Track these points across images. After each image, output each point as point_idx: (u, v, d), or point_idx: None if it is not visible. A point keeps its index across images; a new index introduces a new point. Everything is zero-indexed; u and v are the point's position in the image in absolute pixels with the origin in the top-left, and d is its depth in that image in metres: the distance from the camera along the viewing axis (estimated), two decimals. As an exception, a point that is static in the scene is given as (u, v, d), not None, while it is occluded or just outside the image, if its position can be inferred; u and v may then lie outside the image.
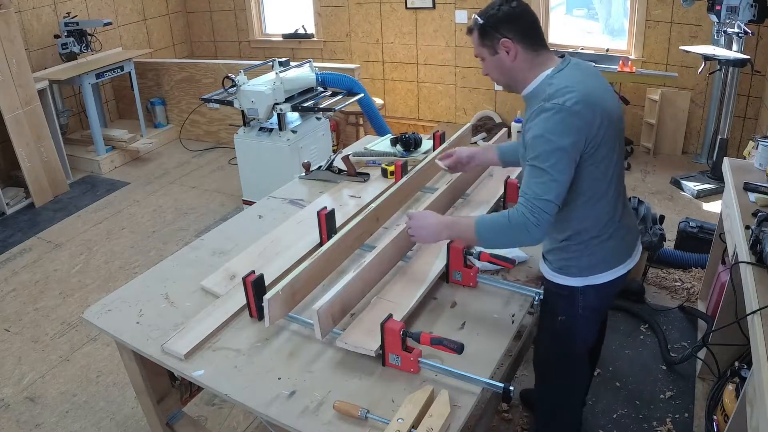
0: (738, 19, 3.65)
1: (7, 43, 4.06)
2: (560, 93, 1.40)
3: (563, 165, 1.39)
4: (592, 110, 1.39)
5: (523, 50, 1.47)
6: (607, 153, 1.45)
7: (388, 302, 1.61)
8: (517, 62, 1.49)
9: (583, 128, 1.39)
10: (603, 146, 1.43)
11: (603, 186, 1.49)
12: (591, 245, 1.55)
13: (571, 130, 1.38)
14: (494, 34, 1.47)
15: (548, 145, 1.38)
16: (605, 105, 1.44)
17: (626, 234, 1.61)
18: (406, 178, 2.18)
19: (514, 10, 1.47)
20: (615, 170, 1.52)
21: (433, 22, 5.25)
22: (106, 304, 1.76)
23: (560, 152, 1.38)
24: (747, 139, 3.72)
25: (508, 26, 1.46)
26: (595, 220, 1.53)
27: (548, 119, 1.39)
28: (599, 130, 1.41)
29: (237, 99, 3.62)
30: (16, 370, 2.71)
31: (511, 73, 1.52)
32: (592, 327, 1.74)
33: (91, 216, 4.21)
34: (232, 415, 2.35)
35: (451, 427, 1.27)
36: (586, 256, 1.57)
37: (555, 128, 1.38)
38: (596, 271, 1.58)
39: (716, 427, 1.91)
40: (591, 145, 1.41)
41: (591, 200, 1.50)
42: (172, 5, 6.24)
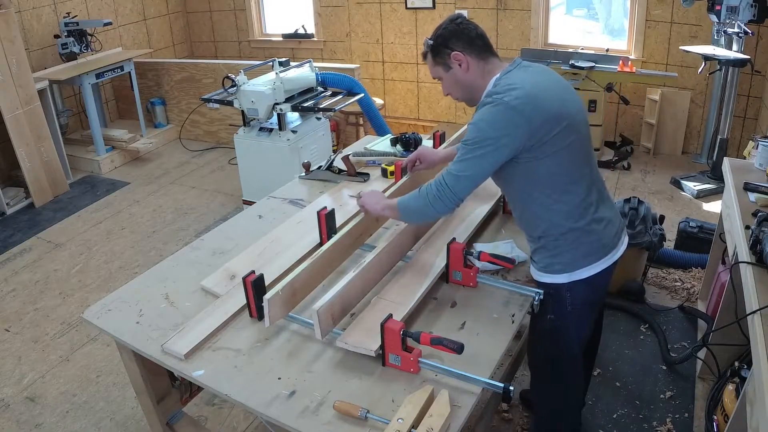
0: (738, 19, 3.65)
1: (7, 43, 4.06)
2: (503, 90, 1.47)
3: (485, 153, 1.46)
4: (533, 107, 1.44)
5: (473, 60, 1.56)
6: (562, 148, 1.48)
7: (388, 302, 1.61)
8: (470, 73, 1.58)
9: (521, 124, 1.43)
10: (556, 142, 1.46)
11: (564, 180, 1.53)
12: (569, 240, 1.57)
13: (504, 123, 1.44)
14: (444, 50, 1.59)
15: (478, 132, 1.47)
16: (552, 102, 1.47)
17: (606, 226, 1.61)
18: (406, 178, 2.18)
19: (459, 26, 1.58)
20: (578, 164, 1.54)
21: (433, 22, 5.25)
22: (106, 304, 1.76)
23: (486, 142, 1.45)
24: (747, 139, 3.72)
25: (455, 40, 1.57)
26: (565, 214, 1.55)
27: (486, 111, 1.47)
28: (543, 126, 1.44)
29: (237, 99, 3.62)
30: (16, 370, 2.71)
31: (466, 84, 1.60)
32: (583, 323, 1.74)
33: (91, 216, 4.21)
34: (232, 415, 2.35)
35: (451, 427, 1.27)
36: (567, 252, 1.58)
37: (488, 119, 1.46)
38: (580, 266, 1.59)
39: (716, 427, 1.91)
40: (534, 140, 1.45)
41: (555, 194, 1.53)
42: (172, 5, 6.24)
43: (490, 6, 4.95)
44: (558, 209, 1.54)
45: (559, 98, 1.50)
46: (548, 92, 1.49)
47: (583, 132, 1.57)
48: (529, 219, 1.62)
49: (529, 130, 1.44)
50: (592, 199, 1.58)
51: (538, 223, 1.59)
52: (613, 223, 1.64)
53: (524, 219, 1.65)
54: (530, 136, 1.44)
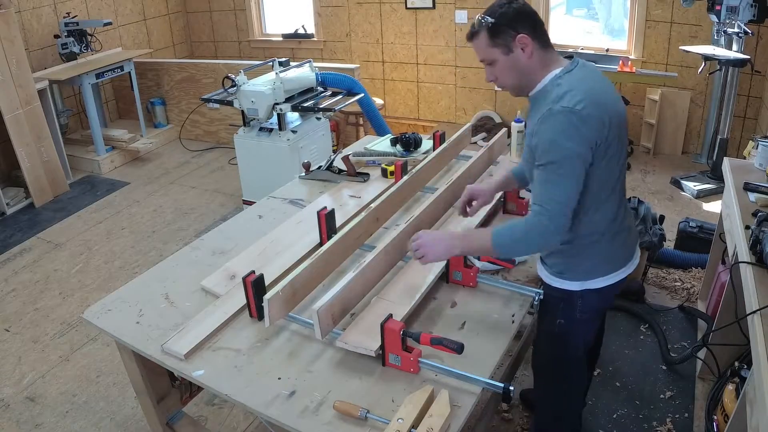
0: (738, 19, 3.65)
1: (7, 43, 4.06)
2: (569, 96, 1.38)
3: (577, 170, 1.39)
4: (600, 113, 1.38)
5: (537, 46, 1.45)
6: (614, 154, 1.45)
7: (388, 302, 1.61)
8: (532, 60, 1.46)
9: (593, 132, 1.38)
10: (611, 148, 1.42)
11: (609, 187, 1.49)
12: (591, 248, 1.54)
13: (582, 134, 1.37)
14: (508, 30, 1.43)
15: (561, 151, 1.37)
16: (612, 107, 1.43)
17: (627, 236, 1.60)
18: (406, 178, 2.18)
19: (524, 7, 1.45)
20: (620, 171, 1.51)
21: (433, 22, 5.25)
22: (106, 304, 1.76)
23: (573, 158, 1.37)
24: (747, 139, 3.71)
25: (522, 22, 1.43)
26: (599, 222, 1.52)
27: (559, 123, 1.37)
28: (609, 132, 1.40)
29: (237, 99, 3.62)
30: (16, 370, 2.71)
31: (525, 72, 1.48)
32: (590, 329, 1.74)
33: (91, 216, 4.21)
34: (232, 415, 2.35)
35: (451, 427, 1.27)
36: (586, 260, 1.56)
37: (564, 134, 1.37)
38: (595, 275, 1.57)
39: (716, 427, 1.91)
40: (601, 147, 1.40)
41: (596, 202, 1.49)
42: (172, 5, 6.24)
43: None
44: (596, 218, 1.51)
45: (615, 105, 1.46)
46: (608, 98, 1.45)
47: (625, 138, 1.53)
48: None
49: (598, 138, 1.39)
50: (622, 208, 1.56)
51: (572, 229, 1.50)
52: (633, 234, 1.64)
53: None
54: (599, 143, 1.40)
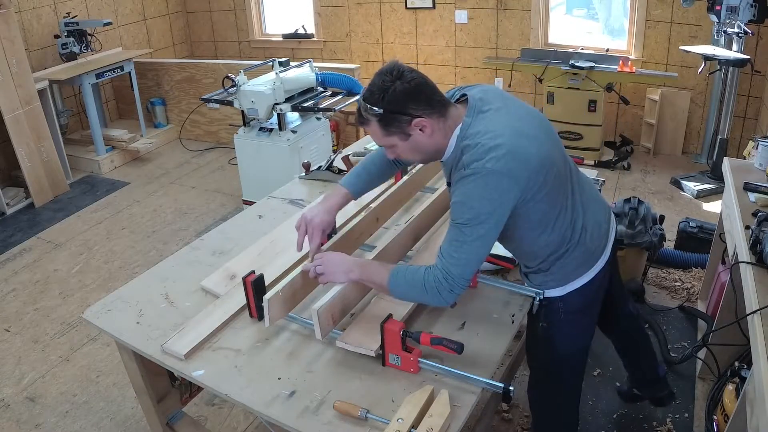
0: (738, 19, 3.65)
1: (7, 43, 4.06)
2: (477, 153, 1.31)
3: (485, 232, 1.33)
4: (518, 163, 1.30)
5: (436, 122, 1.36)
6: (549, 190, 1.39)
7: (388, 302, 1.61)
8: (434, 136, 1.38)
9: (512, 187, 1.31)
10: (540, 189, 1.36)
11: (555, 212, 1.45)
12: (560, 262, 1.54)
13: (497, 194, 1.30)
14: (401, 117, 1.34)
15: (470, 212, 1.31)
16: (533, 149, 1.34)
17: (592, 235, 1.56)
18: (406, 178, 2.18)
19: (410, 83, 1.33)
20: (564, 193, 1.47)
21: (433, 22, 5.26)
22: (106, 304, 1.76)
23: (483, 219, 1.31)
24: (747, 139, 3.72)
25: (414, 102, 1.33)
26: (557, 242, 1.50)
27: (471, 186, 1.31)
28: (531, 178, 1.33)
29: (237, 99, 3.62)
30: (16, 370, 2.71)
31: (429, 149, 1.41)
32: (577, 329, 1.69)
33: (91, 216, 4.21)
34: (232, 415, 2.35)
35: (451, 427, 1.27)
36: (559, 271, 1.56)
37: (477, 193, 1.31)
38: (572, 278, 1.57)
39: (716, 427, 1.91)
40: (524, 195, 1.35)
41: (547, 228, 1.46)
42: (172, 5, 6.24)
43: (490, 6, 4.95)
44: (551, 240, 1.49)
45: (536, 140, 1.37)
46: (527, 138, 1.35)
47: (562, 163, 1.47)
48: (524, 254, 1.60)
49: (520, 188, 1.33)
50: (578, 214, 1.52)
51: (533, 257, 1.56)
52: (599, 230, 1.59)
53: (519, 255, 1.63)
54: (523, 192, 1.34)
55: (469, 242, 1.33)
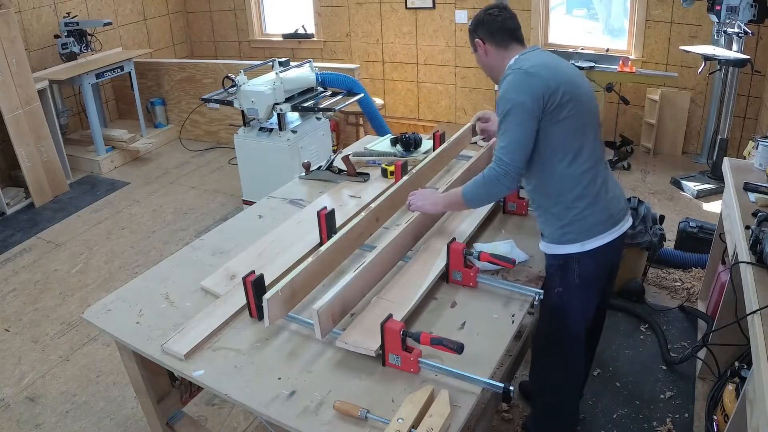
0: (738, 19, 3.65)
1: (7, 43, 4.06)
2: (519, 62, 1.66)
3: (521, 118, 1.59)
4: (547, 73, 1.60)
5: (491, 47, 1.75)
6: (571, 115, 1.61)
7: (388, 302, 1.61)
8: (489, 57, 1.77)
9: (538, 87, 1.58)
10: (565, 107, 1.60)
11: (575, 145, 1.64)
12: (579, 207, 1.67)
13: (526, 88, 1.59)
14: (473, 34, 1.79)
15: (507, 103, 1.61)
16: (565, 75, 1.64)
17: (612, 200, 1.72)
18: (406, 178, 2.18)
19: (487, 16, 1.75)
20: (587, 134, 1.66)
21: (433, 22, 5.25)
22: (106, 304, 1.76)
23: (517, 107, 1.59)
24: (747, 139, 3.72)
25: (480, 29, 1.76)
26: (574, 180, 1.65)
27: (507, 81, 1.64)
28: (557, 90, 1.59)
29: (237, 99, 3.62)
30: (16, 370, 2.71)
31: (487, 66, 1.80)
32: (588, 298, 1.80)
33: (91, 216, 4.21)
34: (232, 415, 2.35)
35: (451, 427, 1.27)
36: (578, 221, 1.68)
37: (511, 88, 1.62)
38: (589, 236, 1.69)
39: (716, 427, 1.91)
40: (550, 102, 1.59)
41: (566, 158, 1.64)
42: (172, 5, 6.24)
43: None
44: (569, 173, 1.65)
45: (566, 73, 1.66)
46: (558, 66, 1.66)
47: (592, 110, 1.70)
48: (542, 186, 1.71)
49: (545, 92, 1.58)
50: (599, 171, 1.70)
51: (550, 190, 1.69)
52: (618, 198, 1.76)
53: (538, 188, 1.73)
54: (548, 97, 1.58)
55: (511, 130, 1.61)
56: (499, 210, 2.15)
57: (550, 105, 1.59)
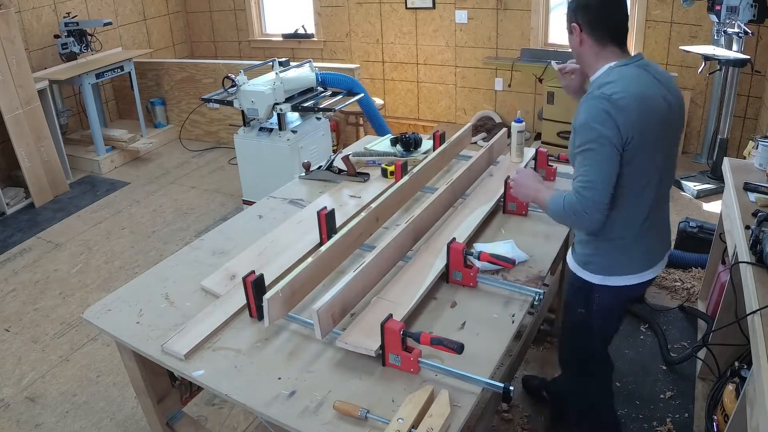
0: (738, 19, 3.65)
1: (7, 43, 4.07)
2: (611, 86, 1.46)
3: (607, 153, 1.45)
4: (637, 108, 1.44)
5: (587, 38, 1.56)
6: (647, 156, 1.49)
7: (388, 302, 1.61)
8: (582, 47, 1.58)
9: (624, 124, 1.43)
10: (640, 151, 1.47)
11: (638, 189, 1.53)
12: (615, 246, 1.61)
13: (611, 121, 1.43)
14: (571, 15, 1.58)
15: (592, 133, 1.45)
16: (655, 112, 1.48)
17: (652, 242, 1.65)
18: (406, 178, 2.18)
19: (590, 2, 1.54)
20: (655, 174, 1.55)
21: (433, 22, 5.26)
22: (106, 304, 1.76)
23: (604, 141, 1.44)
24: (747, 139, 3.72)
25: (580, 14, 1.55)
26: (624, 221, 1.57)
27: (592, 108, 1.46)
28: (643, 131, 1.45)
29: (237, 99, 3.62)
30: (16, 370, 2.71)
31: (578, 55, 1.62)
32: (606, 326, 1.81)
33: (91, 216, 4.21)
34: (232, 415, 2.35)
35: (451, 427, 1.27)
36: (608, 256, 1.63)
37: (597, 117, 1.44)
38: (614, 273, 1.64)
39: (716, 427, 1.91)
40: (633, 143, 1.45)
41: (625, 200, 1.54)
42: (172, 5, 6.24)
43: (490, 6, 4.95)
44: (622, 216, 1.56)
45: (657, 107, 1.50)
46: (652, 100, 1.49)
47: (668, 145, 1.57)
48: None
49: (631, 130, 1.44)
50: (652, 213, 1.60)
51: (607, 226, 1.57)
52: (661, 242, 1.70)
53: None
54: (631, 137, 1.45)
55: (596, 165, 1.46)
56: (499, 210, 2.15)
57: (630, 146, 1.46)
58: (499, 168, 2.45)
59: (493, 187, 2.25)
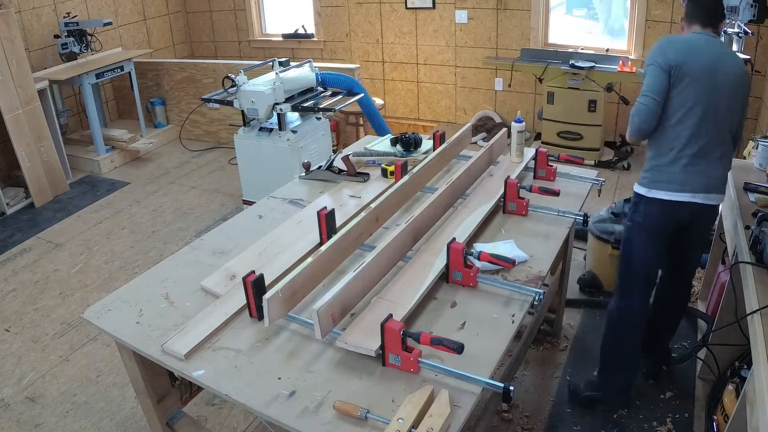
0: (738, 19, 3.65)
1: (7, 43, 4.07)
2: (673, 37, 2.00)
3: (656, 73, 1.93)
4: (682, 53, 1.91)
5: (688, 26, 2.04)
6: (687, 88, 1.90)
7: (388, 302, 1.61)
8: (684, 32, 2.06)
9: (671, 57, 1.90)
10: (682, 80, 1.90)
11: (674, 120, 1.94)
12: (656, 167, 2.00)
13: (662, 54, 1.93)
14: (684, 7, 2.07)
15: (650, 58, 1.98)
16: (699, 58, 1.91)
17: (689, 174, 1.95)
18: (406, 178, 2.18)
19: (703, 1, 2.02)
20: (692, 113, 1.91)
21: (433, 22, 5.26)
22: (106, 304, 1.76)
23: (653, 66, 1.94)
24: (747, 139, 3.72)
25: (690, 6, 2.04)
26: (669, 140, 1.96)
27: (655, 44, 1.98)
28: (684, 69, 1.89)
29: (237, 99, 3.62)
30: (16, 370, 2.71)
31: None
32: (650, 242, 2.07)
33: (91, 216, 4.21)
34: (232, 415, 2.35)
35: (451, 427, 1.27)
36: (653, 174, 2.01)
37: (655, 50, 1.97)
38: (655, 187, 2.00)
39: (716, 427, 1.92)
40: (675, 75, 1.90)
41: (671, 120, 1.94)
42: (172, 5, 6.25)
43: (490, 6, 4.95)
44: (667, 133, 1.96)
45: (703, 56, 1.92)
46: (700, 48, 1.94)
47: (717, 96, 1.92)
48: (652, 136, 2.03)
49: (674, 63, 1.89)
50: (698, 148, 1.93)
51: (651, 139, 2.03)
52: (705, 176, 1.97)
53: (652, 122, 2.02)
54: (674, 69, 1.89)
55: (648, 78, 1.97)
56: (499, 210, 2.15)
57: (673, 76, 1.90)
58: (499, 168, 2.45)
59: (493, 187, 2.25)
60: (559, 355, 2.63)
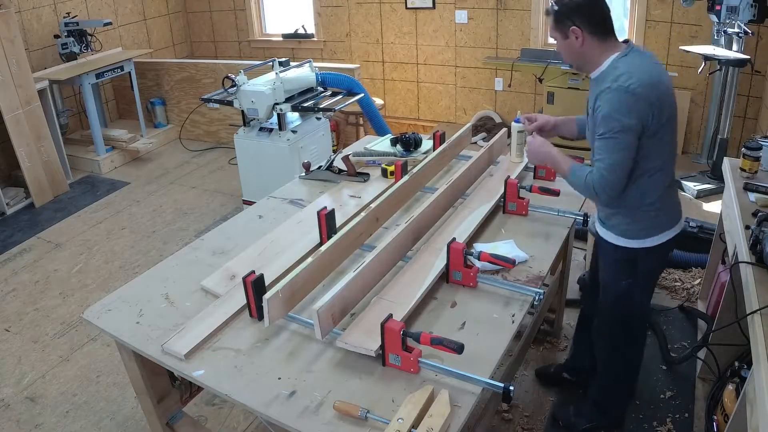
0: (738, 19, 3.65)
1: (7, 43, 4.07)
2: (624, 77, 1.60)
3: (629, 141, 1.62)
4: (653, 93, 1.60)
5: (589, 38, 1.67)
6: (668, 130, 1.68)
7: (388, 302, 1.61)
8: (584, 47, 1.69)
9: (645, 110, 1.59)
10: (665, 126, 1.65)
11: (661, 160, 1.71)
12: (649, 209, 1.76)
13: (633, 111, 1.59)
14: (566, 20, 1.67)
15: (616, 124, 1.60)
16: (665, 91, 1.65)
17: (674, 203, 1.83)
18: (406, 178, 2.18)
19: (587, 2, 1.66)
20: (673, 147, 1.76)
21: (433, 22, 5.26)
22: (106, 304, 1.76)
23: (627, 131, 1.60)
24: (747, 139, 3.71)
25: (578, 16, 1.66)
26: (653, 188, 1.74)
27: (613, 101, 1.60)
28: (662, 113, 1.62)
29: (237, 99, 3.62)
30: (16, 370, 2.71)
31: (580, 56, 1.73)
32: (648, 287, 1.96)
33: (91, 216, 4.21)
34: (232, 415, 2.35)
35: (451, 427, 1.27)
36: (645, 220, 1.78)
37: (619, 108, 1.60)
38: (652, 234, 1.79)
39: (716, 427, 1.92)
40: (652, 124, 1.62)
41: (652, 172, 1.71)
42: (172, 5, 6.25)
43: (490, 6, 4.95)
44: (650, 183, 1.72)
45: (666, 87, 1.67)
46: (660, 80, 1.65)
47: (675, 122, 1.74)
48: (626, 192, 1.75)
49: (651, 113, 1.60)
50: (671, 179, 1.80)
51: (629, 194, 1.74)
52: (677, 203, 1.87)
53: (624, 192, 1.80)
54: (651, 119, 1.61)
55: (618, 151, 1.63)
56: (499, 210, 2.15)
57: (652, 125, 1.63)
58: (499, 168, 2.45)
59: (493, 187, 2.25)
60: (559, 355, 2.63)
